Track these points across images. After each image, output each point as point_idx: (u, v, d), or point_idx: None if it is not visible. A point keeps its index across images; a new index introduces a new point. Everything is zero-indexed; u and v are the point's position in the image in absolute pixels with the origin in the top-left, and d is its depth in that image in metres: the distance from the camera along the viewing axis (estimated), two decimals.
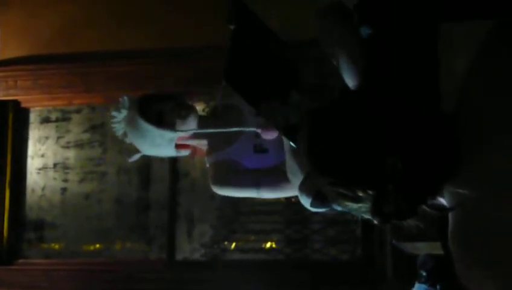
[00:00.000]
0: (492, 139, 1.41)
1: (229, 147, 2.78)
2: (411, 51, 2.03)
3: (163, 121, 2.75)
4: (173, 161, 4.58)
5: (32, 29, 4.76)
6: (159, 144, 2.79)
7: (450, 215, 1.44)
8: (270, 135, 2.67)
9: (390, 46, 2.14)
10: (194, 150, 2.94)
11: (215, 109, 2.94)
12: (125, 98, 2.83)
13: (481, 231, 1.38)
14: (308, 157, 1.48)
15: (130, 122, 2.79)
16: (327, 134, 1.44)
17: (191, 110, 2.81)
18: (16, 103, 4.85)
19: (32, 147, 4.88)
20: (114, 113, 2.84)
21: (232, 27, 2.35)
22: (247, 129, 2.72)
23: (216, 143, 2.82)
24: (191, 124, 2.79)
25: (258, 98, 2.32)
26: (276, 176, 2.68)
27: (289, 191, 2.66)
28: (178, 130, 2.76)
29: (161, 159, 4.55)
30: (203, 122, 2.85)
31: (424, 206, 1.42)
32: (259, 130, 2.67)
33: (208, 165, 2.85)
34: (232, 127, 2.75)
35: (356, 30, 2.38)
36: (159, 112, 2.76)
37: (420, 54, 2.00)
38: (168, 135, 2.76)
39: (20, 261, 4.76)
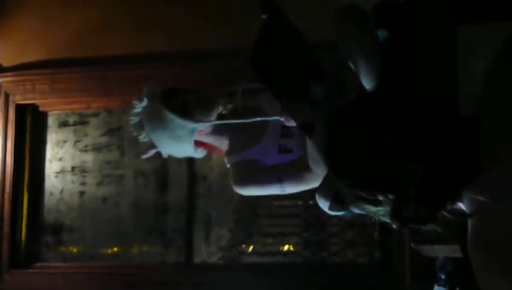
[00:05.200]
0: (511, 144, 1.40)
1: (252, 148, 2.77)
2: (428, 54, 2.02)
3: (186, 112, 2.73)
4: (190, 163, 4.58)
5: (49, 33, 4.79)
6: (179, 135, 2.75)
7: (470, 220, 1.44)
8: (293, 122, 2.65)
9: (407, 49, 2.13)
10: (211, 148, 2.93)
11: (236, 109, 2.93)
12: (149, 87, 2.82)
13: (501, 237, 1.37)
14: (328, 160, 1.48)
15: (151, 112, 2.76)
16: (346, 137, 1.44)
17: (215, 103, 2.79)
18: (34, 107, 4.88)
19: (50, 151, 4.91)
20: (135, 102, 2.81)
21: (263, 16, 2.35)
22: (270, 118, 2.69)
23: (238, 143, 2.80)
24: (213, 116, 2.77)
25: (279, 86, 2.32)
26: (297, 168, 2.67)
27: (312, 183, 2.64)
28: (200, 121, 2.74)
29: (178, 162, 4.55)
30: (223, 120, 2.83)
31: (443, 212, 1.41)
32: (282, 118, 2.65)
33: (228, 166, 2.84)
34: (254, 124, 2.72)
35: (374, 33, 2.38)
36: (183, 102, 2.74)
37: (437, 56, 1.99)
38: (190, 126, 2.73)
39: (38, 264, 4.78)
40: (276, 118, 2.67)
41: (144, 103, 2.79)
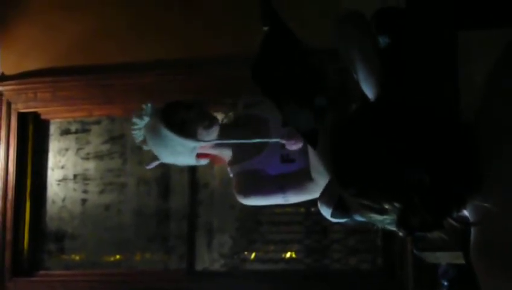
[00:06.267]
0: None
1: (255, 158, 2.77)
2: (429, 59, 2.02)
3: (186, 130, 2.74)
4: (192, 171, 4.58)
5: (51, 41, 4.79)
6: (180, 152, 2.78)
7: (472, 227, 1.43)
8: (295, 146, 2.66)
9: (408, 55, 2.13)
10: (214, 158, 2.93)
11: (238, 118, 2.93)
12: (149, 105, 2.82)
13: (503, 241, 1.37)
14: (333, 170, 1.47)
15: (152, 129, 2.77)
16: (352, 146, 1.43)
17: (214, 120, 2.80)
18: (36, 115, 4.89)
19: (52, 159, 4.91)
20: (135, 120, 2.82)
21: (265, 28, 2.36)
22: (270, 140, 2.71)
23: (241, 153, 2.81)
24: (214, 134, 2.78)
25: (282, 98, 2.31)
26: (300, 178, 2.67)
27: (315, 193, 2.64)
28: (200, 140, 2.75)
29: (180, 170, 4.56)
30: (225, 131, 2.84)
31: (449, 219, 1.41)
32: (283, 141, 2.66)
33: (231, 175, 2.84)
34: (255, 137, 2.74)
35: (375, 39, 2.39)
36: (182, 120, 2.75)
37: (438, 62, 1.99)
38: (191, 144, 2.75)
39: (41, 272, 4.78)
40: (277, 140, 2.68)
41: (145, 120, 2.80)
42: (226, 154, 2.87)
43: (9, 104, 4.80)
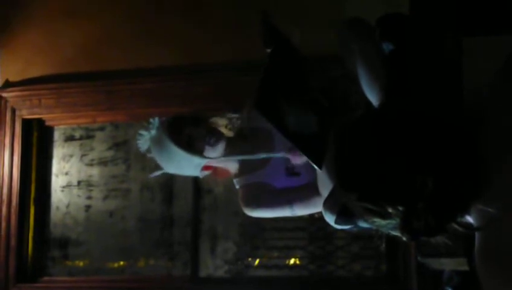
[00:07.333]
0: None
1: (260, 170, 2.77)
2: (433, 66, 2.02)
3: (192, 146, 2.75)
4: (196, 177, 4.57)
5: (55, 48, 4.80)
6: (185, 165, 2.80)
7: (476, 232, 1.43)
8: (299, 159, 2.67)
9: (412, 61, 2.13)
10: (218, 171, 2.93)
11: (242, 130, 2.94)
12: (156, 119, 2.83)
13: (508, 248, 1.37)
14: (337, 174, 1.47)
15: (158, 142, 2.78)
16: (356, 150, 1.43)
17: (221, 137, 2.81)
18: (40, 122, 4.89)
19: (56, 165, 4.91)
20: (142, 132, 2.83)
21: (268, 50, 2.35)
22: (275, 155, 2.71)
23: (247, 166, 2.81)
24: (220, 150, 2.79)
25: (288, 126, 2.30)
26: (307, 192, 2.67)
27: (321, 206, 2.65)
28: (207, 157, 2.76)
29: (184, 176, 4.56)
30: (231, 145, 2.84)
31: (453, 224, 1.41)
32: (288, 156, 2.67)
33: (237, 187, 2.85)
34: (260, 151, 2.74)
35: (378, 46, 2.38)
36: (189, 136, 2.75)
37: (442, 68, 1.99)
38: (197, 159, 2.76)
39: (45, 278, 4.78)
40: (281, 154, 2.69)
41: (151, 133, 2.81)
42: (232, 166, 2.87)
43: (13, 111, 4.82)
